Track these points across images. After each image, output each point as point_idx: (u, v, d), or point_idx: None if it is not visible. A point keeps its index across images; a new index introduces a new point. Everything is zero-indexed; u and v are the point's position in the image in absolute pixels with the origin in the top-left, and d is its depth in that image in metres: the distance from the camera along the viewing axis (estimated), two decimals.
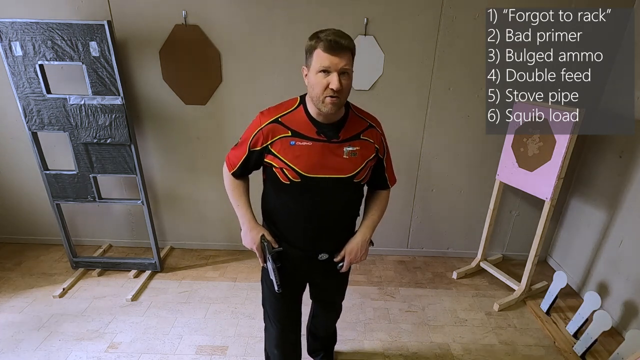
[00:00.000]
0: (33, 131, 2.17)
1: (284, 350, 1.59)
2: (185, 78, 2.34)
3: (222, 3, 2.18)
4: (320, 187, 1.19)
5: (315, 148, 1.16)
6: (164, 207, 2.73)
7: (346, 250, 1.32)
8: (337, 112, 1.17)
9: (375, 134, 1.25)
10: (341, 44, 1.04)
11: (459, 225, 2.78)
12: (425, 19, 2.21)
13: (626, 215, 2.15)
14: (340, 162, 1.18)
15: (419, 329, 2.15)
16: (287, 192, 1.21)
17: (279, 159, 1.17)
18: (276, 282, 1.29)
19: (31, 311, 2.18)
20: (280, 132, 1.17)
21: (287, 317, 1.51)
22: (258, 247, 1.28)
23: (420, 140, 2.51)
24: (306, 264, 1.36)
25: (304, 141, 1.16)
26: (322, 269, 1.37)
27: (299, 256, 1.32)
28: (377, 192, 1.40)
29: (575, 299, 2.43)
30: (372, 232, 1.35)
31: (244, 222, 1.30)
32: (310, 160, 1.15)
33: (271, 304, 1.47)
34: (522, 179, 2.23)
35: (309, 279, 1.48)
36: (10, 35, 1.96)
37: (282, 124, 1.17)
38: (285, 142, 1.16)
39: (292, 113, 1.19)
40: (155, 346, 1.97)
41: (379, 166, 1.31)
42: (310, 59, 1.09)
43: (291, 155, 1.16)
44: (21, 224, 2.80)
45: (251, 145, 1.21)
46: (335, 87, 1.05)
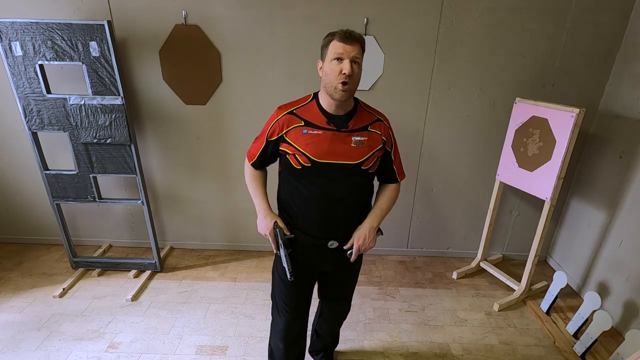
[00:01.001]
0: (33, 131, 2.17)
1: (288, 343, 1.60)
2: (185, 78, 2.34)
3: (222, 3, 2.18)
4: (329, 172, 1.27)
5: (326, 136, 1.26)
6: (164, 207, 2.74)
7: (354, 236, 1.36)
8: (347, 103, 1.28)
9: (383, 127, 1.35)
10: (354, 35, 1.19)
11: (459, 225, 2.78)
12: (425, 19, 2.21)
13: (626, 215, 2.15)
14: (348, 149, 1.27)
15: (419, 329, 2.15)
16: (299, 177, 1.30)
17: (292, 145, 1.27)
18: (288, 269, 1.33)
19: (31, 311, 2.18)
20: (295, 122, 1.28)
21: (296, 307, 1.53)
22: (271, 232, 1.35)
23: (421, 140, 2.51)
24: (317, 253, 1.40)
25: (315, 130, 1.26)
26: (332, 258, 1.41)
27: (310, 244, 1.37)
28: (387, 185, 1.47)
29: (575, 299, 2.43)
30: (380, 220, 1.39)
31: (260, 209, 1.38)
32: (320, 147, 1.25)
33: (281, 293, 1.50)
34: (522, 179, 2.23)
35: (319, 269, 1.50)
36: (10, 35, 1.96)
37: (296, 115, 1.29)
38: (298, 130, 1.27)
39: (305, 106, 1.30)
40: (155, 346, 1.97)
41: (387, 158, 1.39)
42: (326, 50, 1.21)
43: (303, 142, 1.26)
44: (21, 224, 2.80)
45: (269, 136, 1.32)
46: (347, 71, 1.16)
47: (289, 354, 1.63)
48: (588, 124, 2.44)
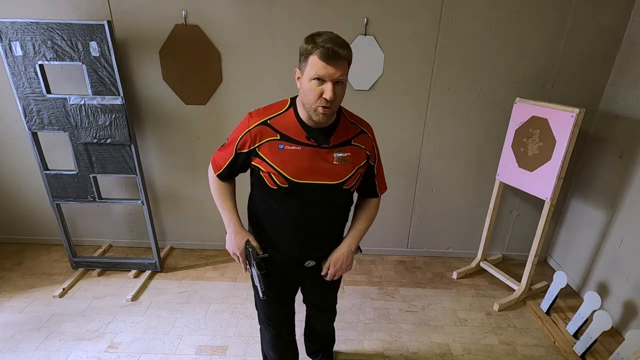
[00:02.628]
0: (33, 131, 2.17)
1: (280, 351, 1.59)
2: (185, 78, 2.34)
3: (222, 3, 2.18)
4: (309, 193, 1.15)
5: (305, 153, 1.12)
6: (164, 207, 2.73)
7: (331, 260, 1.29)
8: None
9: (366, 139, 1.22)
10: (339, 53, 0.99)
11: (459, 225, 2.78)
12: (425, 19, 2.21)
13: (626, 215, 2.15)
14: (330, 168, 1.14)
15: (419, 329, 2.15)
16: (275, 197, 1.18)
17: (267, 163, 1.13)
18: (261, 288, 1.25)
19: (31, 311, 2.18)
20: (269, 135, 1.12)
21: (280, 321, 1.49)
22: (242, 252, 1.24)
23: (420, 140, 2.51)
24: (294, 270, 1.34)
25: (292, 145, 1.11)
26: (310, 275, 1.36)
27: (286, 262, 1.30)
28: (367, 200, 1.36)
29: (575, 299, 2.43)
30: (357, 242, 1.32)
31: (229, 225, 1.25)
32: (298, 166, 1.12)
33: (263, 308, 1.45)
34: (522, 179, 2.23)
35: (298, 284, 1.47)
36: (10, 35, 1.96)
37: (270, 126, 1.13)
38: (273, 145, 1.12)
39: (281, 115, 1.14)
40: (155, 346, 1.97)
41: (370, 173, 1.28)
42: (305, 64, 1.03)
43: (279, 159, 1.12)
44: (21, 224, 2.80)
45: (238, 148, 1.16)
46: (329, 97, 1.01)
47: (285, 358, 1.63)
48: (588, 124, 2.44)
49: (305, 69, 1.04)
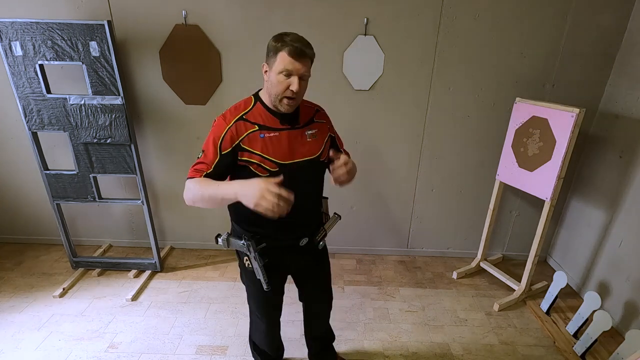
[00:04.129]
0: (33, 131, 2.17)
1: (275, 340, 1.70)
2: (185, 78, 2.34)
3: (222, 3, 2.18)
4: (297, 171, 1.25)
5: (283, 136, 1.24)
6: (164, 207, 2.73)
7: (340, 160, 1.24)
8: None
9: (324, 115, 1.40)
10: (305, 52, 1.14)
11: (459, 225, 2.78)
12: (425, 19, 2.21)
13: (626, 215, 2.15)
14: (306, 145, 1.28)
15: (419, 329, 2.15)
16: None
17: (254, 153, 1.21)
18: (264, 280, 1.33)
19: (31, 311, 2.18)
20: (248, 128, 1.22)
21: (275, 309, 1.58)
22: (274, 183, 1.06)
23: (420, 140, 2.51)
24: (288, 254, 1.41)
25: (271, 132, 1.23)
26: (303, 255, 1.44)
27: (280, 247, 1.37)
28: None
29: (575, 299, 2.43)
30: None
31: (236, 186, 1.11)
32: (281, 149, 1.23)
33: (257, 301, 1.52)
34: (522, 179, 2.23)
35: (292, 270, 1.54)
36: (10, 35, 1.96)
37: (247, 120, 1.23)
38: (254, 136, 1.21)
39: (252, 110, 1.25)
40: (155, 346, 1.97)
41: (333, 142, 1.44)
42: (274, 59, 1.15)
43: (264, 147, 1.21)
44: (21, 224, 2.80)
45: (222, 148, 1.20)
46: (296, 89, 1.15)
47: (273, 347, 1.71)
48: (588, 124, 2.44)
49: (274, 64, 1.16)
